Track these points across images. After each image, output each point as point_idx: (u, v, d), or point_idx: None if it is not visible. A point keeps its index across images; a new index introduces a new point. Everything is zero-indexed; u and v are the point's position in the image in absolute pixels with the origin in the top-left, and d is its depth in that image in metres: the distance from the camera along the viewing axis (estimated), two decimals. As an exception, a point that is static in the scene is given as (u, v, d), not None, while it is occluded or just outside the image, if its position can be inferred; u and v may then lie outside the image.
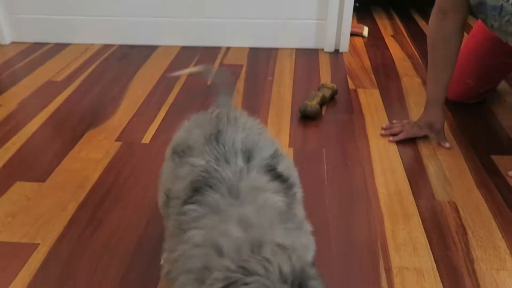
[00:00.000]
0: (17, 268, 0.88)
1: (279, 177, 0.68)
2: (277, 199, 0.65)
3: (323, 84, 1.56)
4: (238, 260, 0.52)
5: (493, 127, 1.37)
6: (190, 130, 0.80)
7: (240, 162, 0.69)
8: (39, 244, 0.94)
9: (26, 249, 0.92)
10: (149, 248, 0.93)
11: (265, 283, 0.49)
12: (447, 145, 1.27)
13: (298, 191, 0.72)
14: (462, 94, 1.46)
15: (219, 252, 0.55)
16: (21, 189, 1.11)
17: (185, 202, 0.64)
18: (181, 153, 0.75)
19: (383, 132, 1.34)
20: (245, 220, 0.58)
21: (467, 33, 1.63)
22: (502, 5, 1.27)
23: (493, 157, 1.22)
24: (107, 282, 0.85)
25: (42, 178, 1.15)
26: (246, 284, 0.49)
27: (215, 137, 0.73)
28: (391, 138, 1.31)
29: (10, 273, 0.87)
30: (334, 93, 1.55)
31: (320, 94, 1.49)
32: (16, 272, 0.87)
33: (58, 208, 1.04)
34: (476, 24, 1.45)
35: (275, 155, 0.72)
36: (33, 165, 1.21)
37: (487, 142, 1.29)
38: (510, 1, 1.20)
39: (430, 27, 1.27)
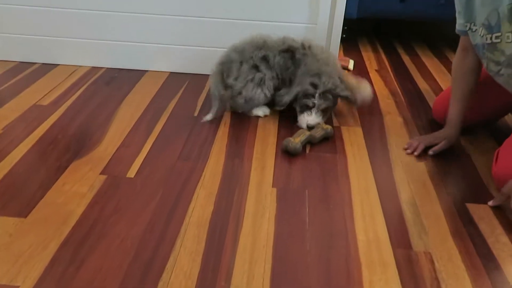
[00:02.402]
0: (-4, 311, 0.88)
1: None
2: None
3: (319, 124, 1.59)
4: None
5: (470, 174, 1.42)
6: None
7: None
8: (18, 286, 0.94)
9: (6, 291, 0.92)
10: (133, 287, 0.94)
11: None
12: (430, 152, 1.49)
13: None
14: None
15: None
16: (3, 224, 1.11)
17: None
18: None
19: (408, 151, 1.51)
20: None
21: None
22: (476, 44, 1.37)
23: (468, 205, 1.27)
24: (87, 329, 0.85)
25: (24, 213, 1.15)
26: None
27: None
28: (415, 153, 1.49)
29: (-11, 317, 0.87)
30: (327, 136, 1.56)
31: (308, 133, 1.51)
32: (-5, 316, 0.87)
33: (40, 246, 1.04)
34: None
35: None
36: (16, 198, 1.21)
37: (463, 189, 1.34)
38: (481, 33, 1.30)
39: (454, 62, 1.52)
